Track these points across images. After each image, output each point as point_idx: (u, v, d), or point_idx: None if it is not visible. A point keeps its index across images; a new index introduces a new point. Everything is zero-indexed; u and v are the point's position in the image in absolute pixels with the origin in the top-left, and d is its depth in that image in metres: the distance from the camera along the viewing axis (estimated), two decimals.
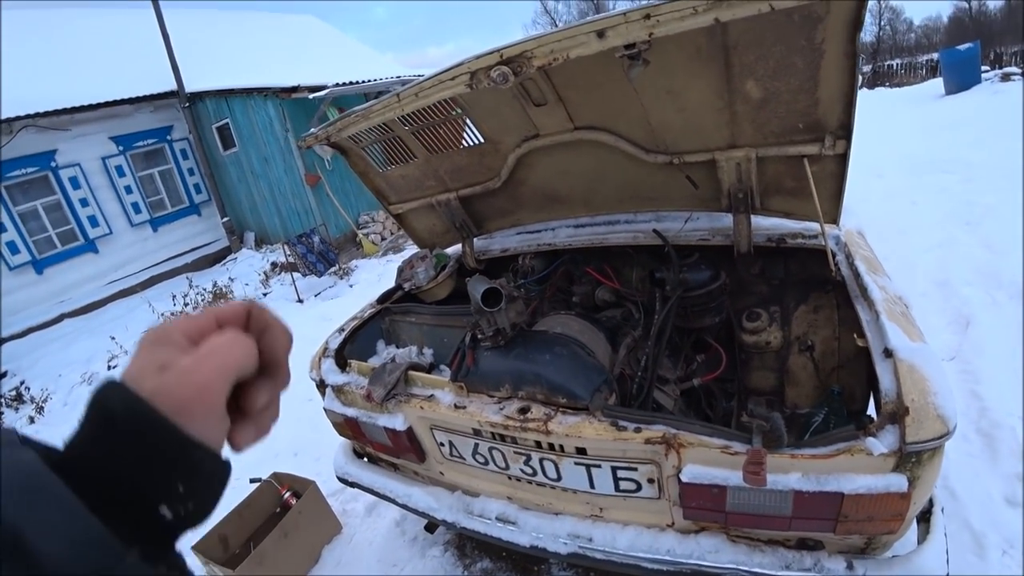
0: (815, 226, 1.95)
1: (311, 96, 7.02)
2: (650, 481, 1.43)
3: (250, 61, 8.77)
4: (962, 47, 11.41)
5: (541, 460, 1.55)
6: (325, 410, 2.11)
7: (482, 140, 2.07)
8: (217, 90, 8.05)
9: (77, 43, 9.25)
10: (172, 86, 8.33)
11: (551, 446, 1.50)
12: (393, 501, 2.00)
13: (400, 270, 2.66)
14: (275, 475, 2.86)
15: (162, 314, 6.75)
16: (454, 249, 2.73)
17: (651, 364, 1.82)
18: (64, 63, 8.57)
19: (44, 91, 7.82)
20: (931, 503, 1.42)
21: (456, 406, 1.65)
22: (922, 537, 1.36)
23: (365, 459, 2.32)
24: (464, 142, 2.16)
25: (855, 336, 1.50)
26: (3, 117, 7.20)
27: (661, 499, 1.45)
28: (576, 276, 2.45)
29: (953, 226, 4.01)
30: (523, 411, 1.53)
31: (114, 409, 0.32)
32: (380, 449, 2.04)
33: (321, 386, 2.12)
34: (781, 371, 2.12)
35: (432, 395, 1.75)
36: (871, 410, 1.91)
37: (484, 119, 1.97)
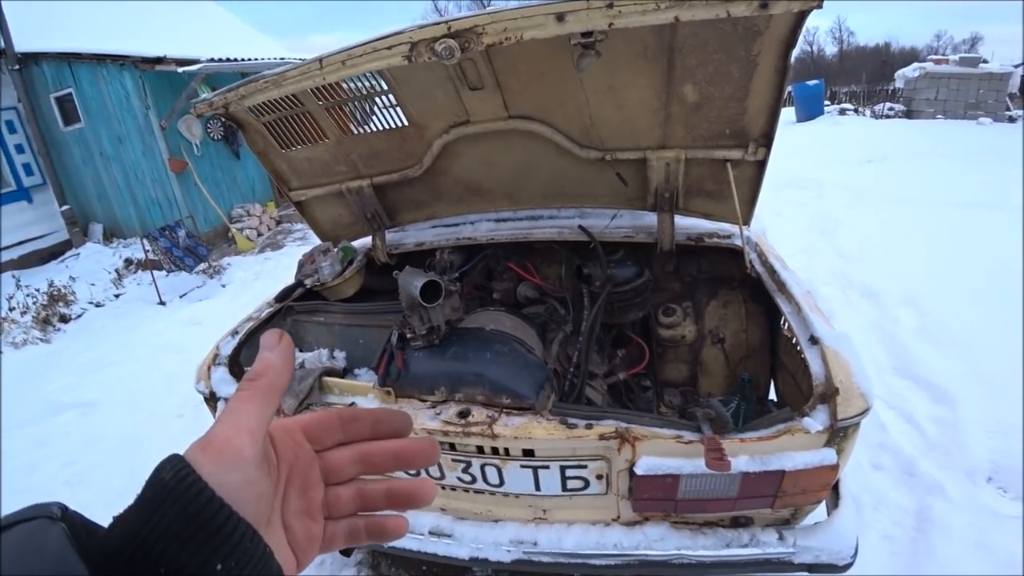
0: (728, 227, 2.09)
1: (181, 70, 6.10)
2: (599, 477, 1.39)
3: (102, 24, 7.38)
4: (810, 82, 13.42)
5: (483, 466, 1.44)
6: None
7: (406, 123, 1.90)
8: (58, 53, 6.67)
9: None
10: None
11: (495, 450, 1.40)
12: None
13: (300, 265, 2.37)
14: None
15: None
16: (362, 242, 2.50)
17: (583, 359, 1.80)
18: None
19: None
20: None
21: None
22: (833, 505, 1.48)
23: None
24: (381, 124, 1.97)
25: (783, 326, 1.60)
26: None
27: (608, 494, 1.42)
28: (497, 272, 2.37)
29: (812, 235, 4.64)
30: (463, 415, 1.41)
31: (164, 477, 0.30)
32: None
33: (211, 399, 1.80)
34: (694, 363, 2.23)
35: (353, 403, 1.56)
36: (772, 396, 2.09)
37: (411, 100, 1.81)
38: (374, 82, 1.76)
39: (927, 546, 1.91)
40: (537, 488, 1.45)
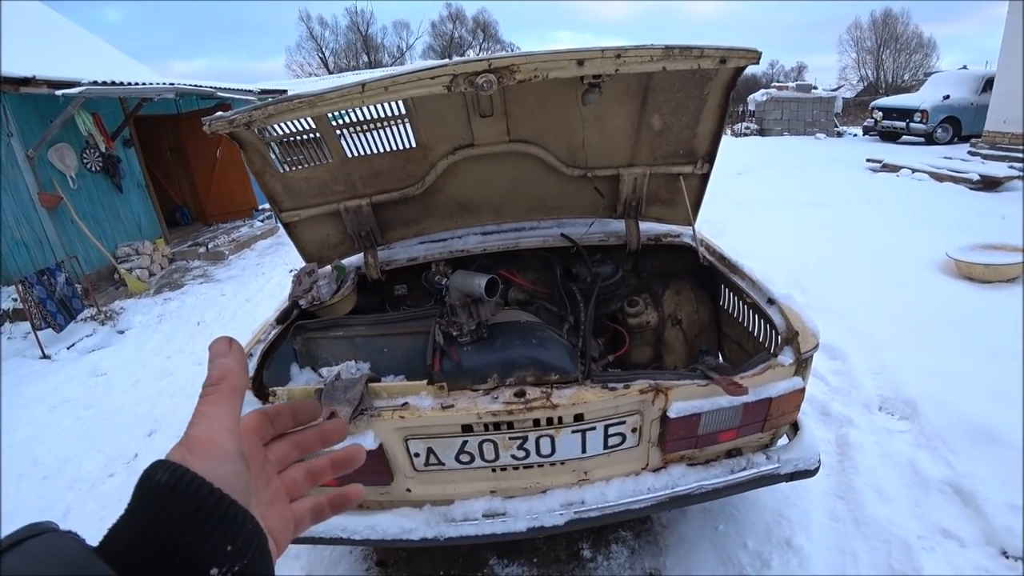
0: (677, 228, 2.54)
1: (59, 93, 5.47)
2: (633, 431, 1.68)
3: None
4: None
5: (538, 439, 1.66)
6: None
7: (414, 144, 2.09)
8: None
9: None
10: None
11: (550, 421, 1.63)
12: (349, 541, 1.77)
13: (292, 286, 2.41)
14: None
15: None
16: (350, 261, 2.59)
17: (587, 344, 2.10)
18: None
19: None
20: None
21: (443, 407, 1.63)
22: (792, 433, 1.93)
23: None
24: (386, 145, 2.13)
25: (723, 305, 2.04)
26: None
27: (640, 445, 1.71)
28: None
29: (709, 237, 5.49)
30: (519, 394, 1.62)
31: (159, 479, 0.32)
32: (330, 483, 1.80)
33: None
34: (658, 344, 2.63)
35: (406, 403, 1.68)
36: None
37: (424, 124, 2.01)
38: (395, 107, 1.93)
39: (851, 463, 2.49)
40: (583, 451, 1.70)
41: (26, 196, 6.13)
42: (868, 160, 9.56)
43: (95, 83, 5.72)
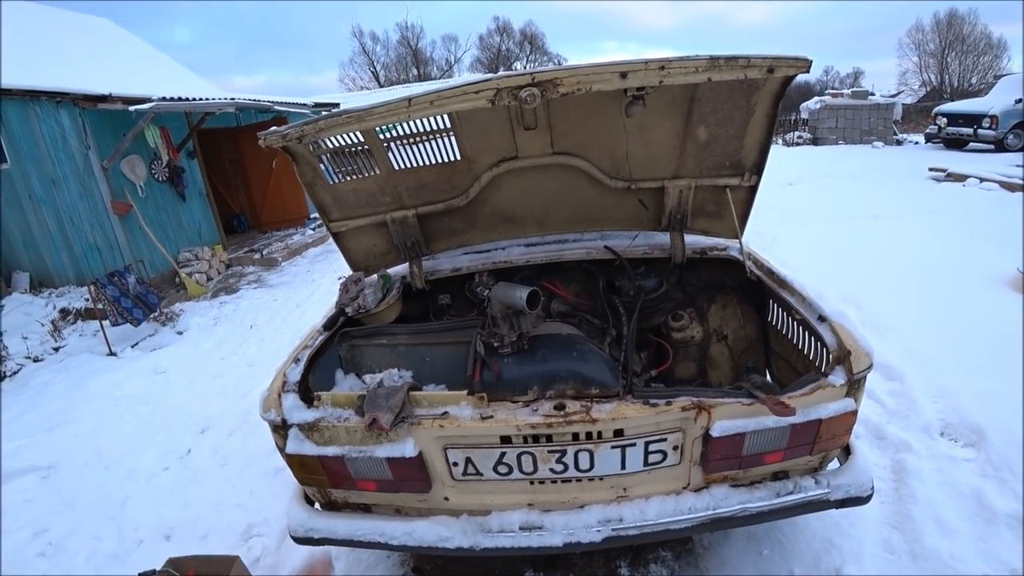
0: (723, 241, 2.47)
1: (132, 109, 5.90)
2: (675, 448, 1.64)
3: (30, 59, 6.99)
4: None
5: (576, 453, 1.64)
6: (289, 456, 1.83)
7: (459, 157, 2.13)
8: None
9: None
10: None
11: (589, 435, 1.61)
12: (386, 546, 1.78)
13: (340, 294, 2.49)
14: (172, 561, 2.22)
15: None
16: (395, 270, 2.66)
17: (628, 358, 2.07)
18: None
19: None
20: None
21: (483, 417, 1.64)
22: (844, 457, 1.83)
23: (316, 506, 2.07)
24: (432, 158, 2.18)
25: (771, 321, 1.95)
26: None
27: (682, 463, 1.67)
28: None
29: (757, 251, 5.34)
30: (559, 407, 1.61)
31: None
32: (370, 487, 1.84)
33: (282, 427, 1.85)
34: (702, 359, 2.56)
35: (445, 412, 1.70)
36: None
37: (468, 137, 2.05)
38: (440, 121, 1.97)
39: (909, 491, 2.34)
40: (623, 467, 1.67)
41: (100, 204, 6.62)
42: (931, 169, 9.06)
43: (164, 99, 6.13)
